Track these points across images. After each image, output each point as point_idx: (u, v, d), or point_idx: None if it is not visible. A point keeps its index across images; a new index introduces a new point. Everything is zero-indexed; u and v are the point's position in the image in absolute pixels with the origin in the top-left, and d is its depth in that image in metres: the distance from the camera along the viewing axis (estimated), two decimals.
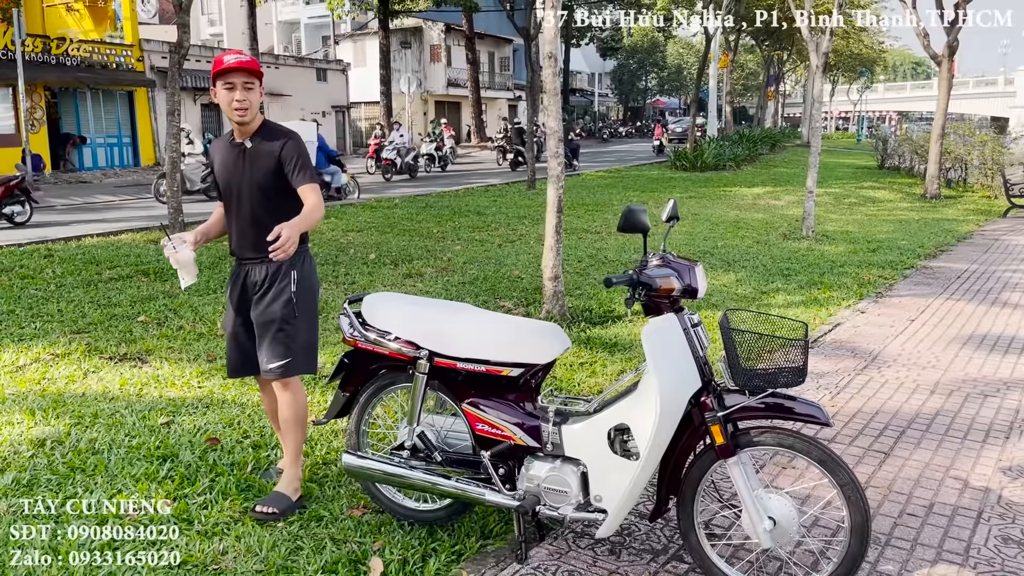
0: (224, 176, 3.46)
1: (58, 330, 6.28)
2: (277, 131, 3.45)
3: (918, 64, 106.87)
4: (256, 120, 3.41)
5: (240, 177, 3.40)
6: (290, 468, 3.55)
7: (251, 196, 3.40)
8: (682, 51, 72.52)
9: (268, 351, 3.41)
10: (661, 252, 2.95)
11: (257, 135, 3.41)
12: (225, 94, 3.31)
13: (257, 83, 3.37)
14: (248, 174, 3.39)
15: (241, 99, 3.30)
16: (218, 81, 3.32)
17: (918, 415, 4.81)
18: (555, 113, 6.67)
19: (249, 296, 3.45)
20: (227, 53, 3.41)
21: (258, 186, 3.39)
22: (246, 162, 3.39)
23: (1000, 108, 61.89)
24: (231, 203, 3.46)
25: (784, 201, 16.96)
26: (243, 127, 3.38)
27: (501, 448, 3.09)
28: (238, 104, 3.30)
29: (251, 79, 3.32)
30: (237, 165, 3.41)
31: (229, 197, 3.46)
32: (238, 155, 3.41)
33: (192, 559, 3.09)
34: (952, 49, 17.17)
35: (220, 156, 3.48)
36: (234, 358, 3.60)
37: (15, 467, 3.81)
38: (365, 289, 7.91)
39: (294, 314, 3.40)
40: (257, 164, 3.38)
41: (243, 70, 3.29)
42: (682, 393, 2.80)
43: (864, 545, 2.75)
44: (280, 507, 3.42)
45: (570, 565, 3.13)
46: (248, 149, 3.39)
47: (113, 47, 26.29)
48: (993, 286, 8.63)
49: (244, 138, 3.41)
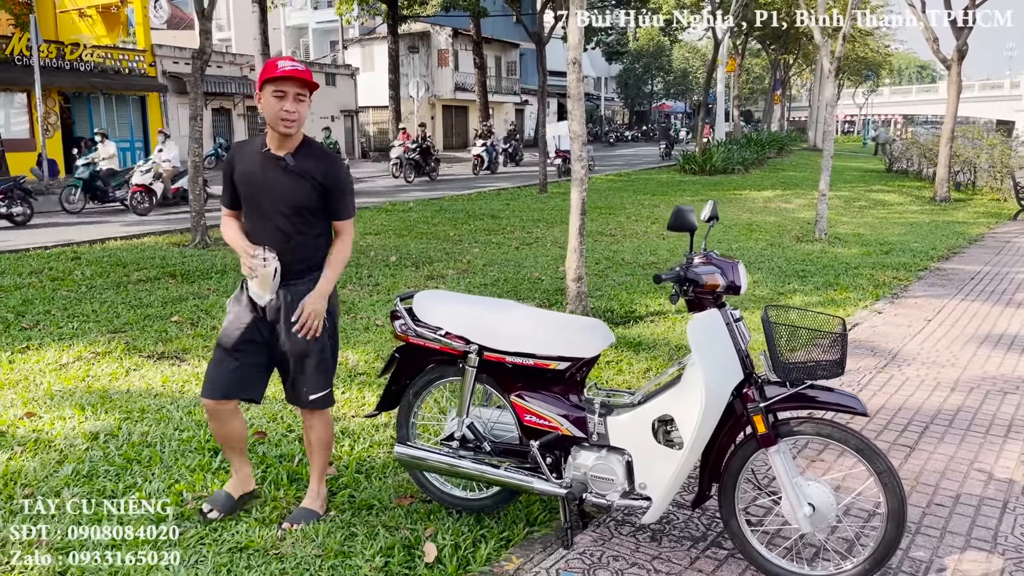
0: (253, 187, 3.23)
1: (95, 330, 6.44)
2: (321, 151, 3.29)
3: (923, 67, 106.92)
4: (299, 134, 3.23)
5: (274, 192, 3.20)
6: (319, 484, 3.52)
7: (284, 213, 3.20)
8: (688, 55, 72.69)
9: (311, 381, 3.32)
10: (703, 251, 3.09)
11: (300, 152, 3.22)
12: (274, 102, 3.10)
13: (308, 95, 3.18)
14: (286, 191, 3.19)
15: (291, 110, 3.10)
16: (267, 87, 3.10)
17: (940, 411, 4.93)
18: (579, 118, 6.82)
19: (271, 318, 3.26)
20: (281, 59, 3.21)
21: (295, 205, 3.20)
22: (285, 178, 3.19)
23: (1006, 111, 61.95)
24: (256, 216, 3.25)
25: (795, 204, 17.08)
26: (286, 140, 3.19)
27: (549, 438, 3.23)
28: (286, 115, 3.10)
29: (304, 90, 3.14)
30: (273, 179, 3.20)
31: (254, 209, 3.25)
32: (275, 169, 3.20)
33: (253, 544, 3.23)
34: (961, 53, 17.28)
35: (248, 165, 3.25)
36: (228, 377, 3.28)
37: (73, 459, 3.96)
38: (389, 291, 8.06)
39: (332, 342, 3.38)
40: (298, 183, 3.19)
41: (297, 80, 3.10)
42: (726, 385, 2.94)
43: (900, 530, 2.88)
44: (309, 522, 3.40)
45: (614, 551, 3.26)
46: (290, 166, 3.19)
47: (126, 52, 26.54)
48: (1007, 287, 8.75)
49: (283, 151, 3.20)
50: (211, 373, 3.32)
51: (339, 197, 3.28)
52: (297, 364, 3.31)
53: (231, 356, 3.27)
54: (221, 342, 3.31)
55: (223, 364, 3.28)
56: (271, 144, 3.22)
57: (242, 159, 3.28)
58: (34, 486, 3.66)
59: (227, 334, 3.30)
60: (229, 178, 3.31)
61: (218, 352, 3.31)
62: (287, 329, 3.25)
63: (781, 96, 53.88)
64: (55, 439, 4.21)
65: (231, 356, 3.27)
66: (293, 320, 3.15)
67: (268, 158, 3.21)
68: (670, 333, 6.55)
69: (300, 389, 3.34)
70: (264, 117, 3.15)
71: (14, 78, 22.53)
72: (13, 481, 3.71)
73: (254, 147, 3.28)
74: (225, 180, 3.32)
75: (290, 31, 48.98)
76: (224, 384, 3.28)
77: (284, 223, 3.21)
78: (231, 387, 3.30)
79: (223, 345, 3.30)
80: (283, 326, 3.26)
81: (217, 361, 3.30)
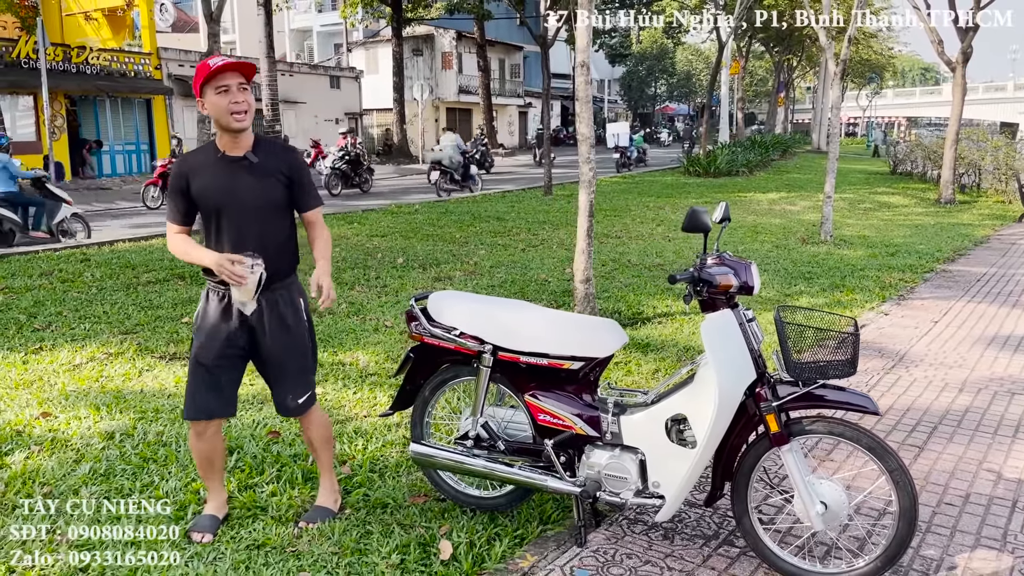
0: (218, 195, 3.08)
1: (107, 331, 6.49)
2: (277, 145, 3.25)
3: (927, 70, 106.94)
4: (250, 132, 3.11)
5: (245, 195, 3.09)
6: (330, 480, 3.54)
7: (258, 216, 3.12)
8: (691, 57, 72.74)
9: (294, 385, 3.30)
10: (716, 251, 3.12)
11: (258, 148, 3.13)
12: (219, 99, 2.99)
13: (250, 84, 3.07)
14: (256, 192, 3.10)
15: (240, 100, 2.99)
16: (207, 88, 3.00)
17: (948, 412, 4.96)
18: (587, 120, 6.86)
19: (251, 326, 3.19)
20: (210, 57, 3.09)
21: (268, 205, 3.13)
22: (252, 179, 3.09)
23: (1010, 114, 61.92)
24: (226, 225, 3.11)
25: (800, 206, 17.11)
26: (240, 137, 3.08)
27: (563, 437, 3.26)
28: (236, 107, 2.98)
29: (244, 79, 3.03)
30: (240, 182, 3.08)
31: (226, 219, 3.10)
32: (240, 171, 3.09)
33: (270, 542, 3.26)
34: (966, 56, 17.31)
35: (208, 176, 3.09)
36: (213, 396, 3.21)
37: (90, 458, 4.00)
38: (397, 292, 8.11)
39: (311, 343, 3.37)
40: (266, 181, 3.11)
41: (234, 69, 3.01)
42: (739, 384, 2.97)
43: (912, 528, 2.91)
44: (325, 520, 3.42)
45: (627, 549, 3.30)
46: (255, 164, 3.09)
47: (131, 55, 26.62)
48: (1013, 289, 8.77)
49: (242, 151, 3.09)
50: (194, 393, 3.21)
51: (306, 187, 3.24)
52: (280, 369, 3.27)
53: (212, 374, 3.19)
54: (200, 360, 3.19)
55: (206, 383, 3.19)
56: (225, 147, 3.10)
57: (197, 172, 3.11)
58: (52, 484, 3.71)
59: (205, 351, 3.17)
60: (183, 194, 3.11)
61: (199, 372, 3.19)
62: (271, 333, 3.20)
63: (785, 98, 53.89)
64: (71, 438, 4.26)
65: (212, 374, 3.19)
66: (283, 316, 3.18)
67: (228, 162, 3.09)
68: (678, 334, 6.59)
69: (285, 396, 3.31)
70: (216, 119, 3.05)
71: (21, 81, 22.65)
72: (31, 480, 3.75)
73: (207, 156, 3.13)
74: (176, 197, 3.12)
75: (294, 34, 49.14)
76: (210, 404, 3.22)
77: (259, 228, 3.12)
78: (217, 407, 3.24)
79: (204, 363, 3.18)
80: (268, 330, 3.19)
81: (199, 381, 3.20)
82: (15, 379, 5.27)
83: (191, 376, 3.23)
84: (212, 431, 3.32)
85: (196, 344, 3.21)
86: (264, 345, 3.21)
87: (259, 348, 3.23)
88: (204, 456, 3.35)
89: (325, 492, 3.56)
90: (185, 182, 3.10)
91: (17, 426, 4.42)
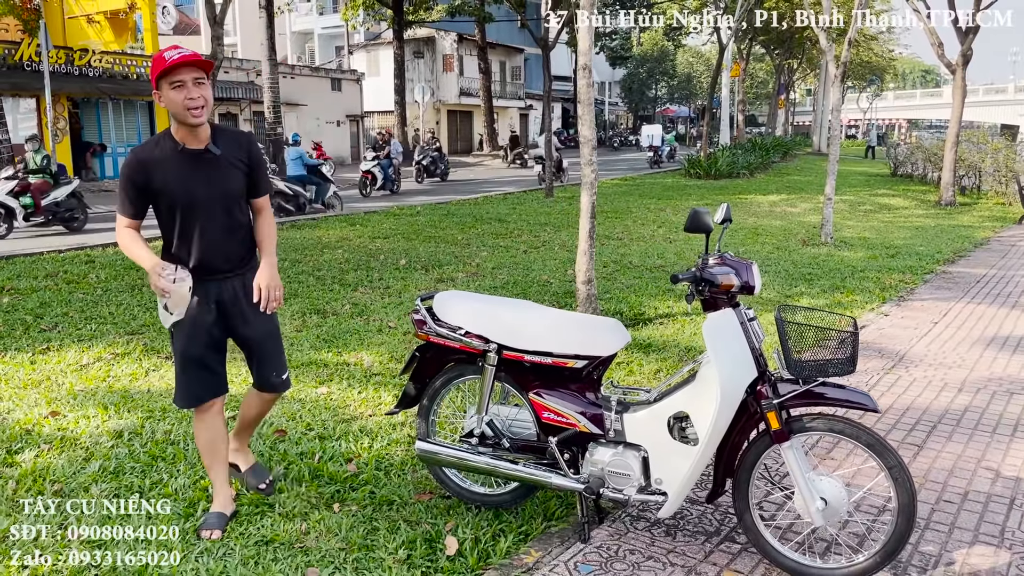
0: (182, 188, 3.11)
1: (113, 331, 6.54)
2: (232, 132, 3.29)
3: (928, 72, 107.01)
4: (206, 124, 3.14)
5: (208, 187, 3.14)
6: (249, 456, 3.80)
7: (223, 206, 3.18)
8: (692, 59, 72.83)
9: (275, 363, 3.44)
10: (718, 252, 3.17)
11: (217, 139, 3.18)
12: (175, 94, 3.00)
13: (207, 78, 3.09)
14: (221, 182, 3.17)
15: (195, 96, 3.01)
16: (163, 83, 3.01)
17: (947, 411, 5.01)
18: (589, 122, 6.91)
19: (228, 312, 3.28)
20: (167, 50, 3.07)
21: (232, 195, 3.20)
22: (216, 171, 3.16)
23: (1010, 116, 61.96)
24: (190, 220, 3.15)
25: (800, 208, 17.16)
26: (197, 131, 3.11)
27: (567, 435, 3.31)
28: (191, 102, 3.00)
29: (200, 74, 3.05)
30: (202, 174, 3.13)
31: (188, 213, 3.14)
32: (203, 163, 3.14)
33: (278, 538, 3.31)
34: (966, 58, 17.37)
35: (170, 170, 3.10)
36: (208, 381, 3.32)
37: (99, 456, 4.06)
38: (400, 294, 8.16)
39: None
40: (230, 171, 3.19)
41: (190, 64, 3.02)
42: (740, 382, 3.02)
43: (911, 523, 2.95)
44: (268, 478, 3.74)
45: (630, 544, 3.35)
46: (218, 156, 3.15)
47: (134, 58, 26.69)
48: (1012, 290, 8.82)
49: (200, 144, 3.14)
50: (188, 383, 3.31)
51: (262, 173, 3.33)
52: (262, 348, 3.40)
53: (203, 361, 3.28)
54: (190, 353, 3.26)
55: (198, 370, 3.29)
56: (184, 140, 3.12)
57: (157, 166, 3.10)
58: (63, 482, 3.76)
59: (193, 344, 3.24)
60: (141, 189, 3.11)
61: (190, 363, 3.27)
62: (248, 317, 3.30)
63: (785, 101, 53.97)
64: (80, 437, 4.31)
65: (203, 361, 3.28)
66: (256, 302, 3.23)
67: (190, 156, 3.12)
68: (679, 335, 6.64)
69: (270, 372, 3.45)
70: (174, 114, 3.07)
71: (23, 83, 22.71)
72: (42, 477, 3.80)
73: (165, 150, 3.13)
74: (131, 190, 3.11)
75: (295, 36, 49.22)
76: (206, 387, 3.33)
77: (225, 218, 3.19)
78: (214, 386, 3.36)
79: (193, 355, 3.26)
80: (244, 315, 3.30)
81: (192, 371, 3.29)
82: (23, 379, 5.32)
83: (182, 369, 3.32)
84: (214, 413, 3.41)
85: (181, 340, 3.27)
86: (242, 329, 3.34)
87: (237, 332, 3.35)
88: (208, 443, 3.42)
89: (252, 456, 3.80)
90: (145, 176, 3.10)
91: (26, 425, 4.47)
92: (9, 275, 8.96)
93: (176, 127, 3.14)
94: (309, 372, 5.52)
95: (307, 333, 6.58)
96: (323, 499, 3.67)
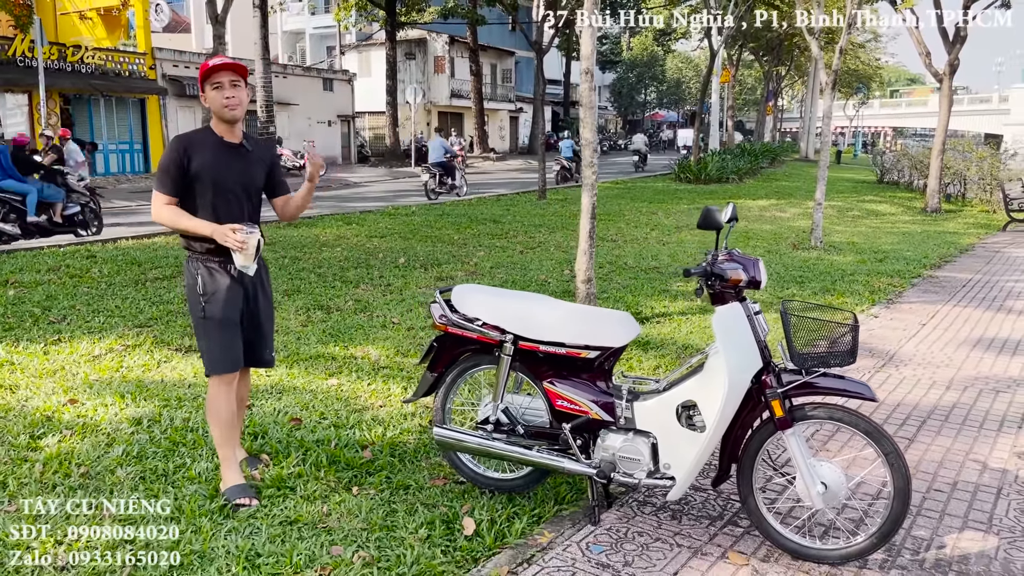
0: (216, 174, 3.49)
1: (122, 324, 6.65)
2: (259, 139, 3.78)
3: (913, 80, 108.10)
4: (241, 123, 3.59)
5: (239, 177, 3.54)
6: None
7: (248, 196, 3.60)
8: (681, 65, 73.33)
9: (271, 340, 3.82)
10: (725, 249, 3.35)
11: (248, 139, 3.62)
12: (215, 94, 3.44)
13: (243, 82, 3.52)
14: (251, 175, 3.59)
15: (231, 95, 3.45)
16: (206, 84, 3.47)
17: (936, 407, 5.20)
18: (591, 125, 7.08)
19: (248, 287, 3.62)
20: (213, 56, 3.59)
21: (256, 187, 3.64)
22: (246, 164, 3.57)
23: (994, 125, 62.71)
24: (220, 201, 3.51)
25: (790, 213, 17.41)
26: (233, 127, 3.53)
27: (579, 422, 3.47)
28: (228, 100, 3.44)
29: (237, 77, 3.48)
30: (236, 165, 3.54)
31: (219, 195, 3.50)
32: (236, 156, 3.55)
33: (302, 518, 3.45)
34: (953, 67, 17.68)
35: (210, 154, 3.49)
36: (237, 347, 3.62)
37: (121, 441, 4.18)
38: (401, 291, 8.30)
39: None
40: (256, 167, 3.62)
41: (229, 68, 3.47)
42: (747, 372, 3.19)
43: (905, 506, 3.13)
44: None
45: (638, 527, 3.51)
46: (249, 152, 3.59)
47: (126, 55, 26.72)
48: (997, 295, 9.06)
49: (237, 140, 3.56)
50: (220, 351, 3.56)
51: (281, 176, 3.80)
52: (263, 327, 3.73)
53: (234, 330, 3.57)
54: (222, 319, 3.53)
55: (232, 337, 3.57)
56: (223, 135, 3.54)
57: (198, 150, 3.48)
58: (88, 465, 3.88)
59: (225, 311, 3.53)
60: (183, 168, 3.45)
61: (227, 329, 3.55)
62: (261, 295, 3.69)
63: (773, 107, 54.44)
64: (100, 423, 4.43)
65: (234, 330, 3.57)
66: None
67: (227, 147, 3.54)
68: (676, 333, 6.81)
69: (264, 349, 3.78)
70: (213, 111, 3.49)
71: (16, 79, 22.71)
72: (67, 461, 3.93)
73: (205, 139, 3.53)
74: (175, 170, 3.45)
75: (287, 36, 49.21)
76: (238, 354, 3.62)
77: (249, 206, 3.61)
78: (240, 356, 3.64)
79: (225, 321, 3.54)
80: (260, 292, 3.68)
81: (227, 338, 3.56)
82: (38, 368, 5.43)
83: (219, 333, 3.55)
84: (238, 381, 3.74)
85: (216, 306, 3.53)
86: (256, 304, 3.68)
87: (251, 305, 3.67)
88: (229, 415, 3.64)
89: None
90: (187, 156, 3.46)
91: (47, 412, 4.58)
92: (12, 269, 9.04)
93: (216, 123, 3.56)
94: (318, 365, 5.66)
95: (312, 328, 6.71)
96: (341, 483, 3.82)
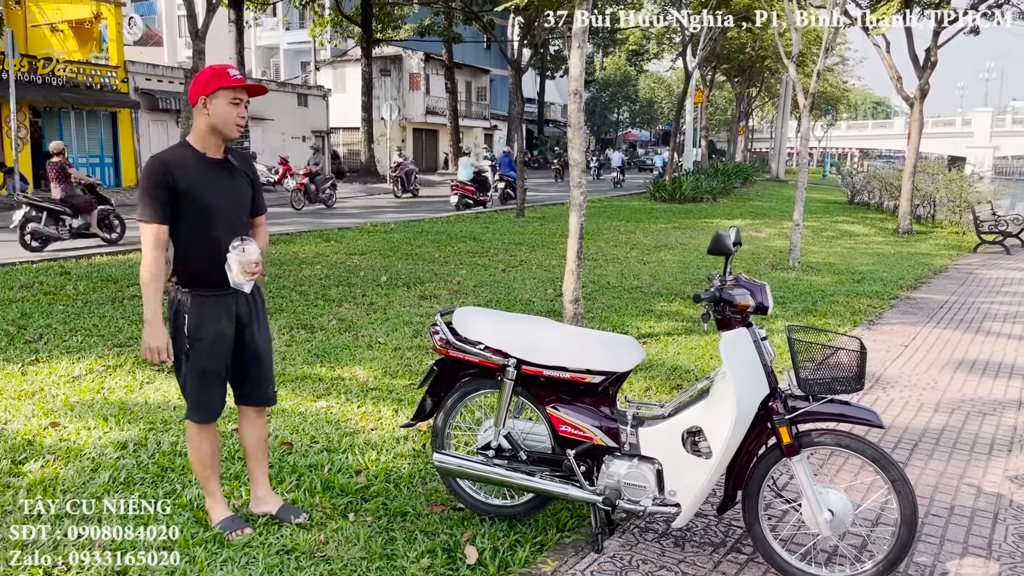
0: (208, 194, 3.21)
1: (101, 343, 6.50)
2: (239, 151, 3.49)
3: (878, 103, 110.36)
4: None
5: (227, 194, 3.28)
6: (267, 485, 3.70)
7: (237, 212, 3.33)
8: (653, 85, 74.13)
9: (270, 378, 3.52)
10: (730, 274, 3.34)
11: (230, 153, 3.36)
12: (230, 108, 3.19)
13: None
14: (238, 191, 3.34)
15: (244, 116, 3.25)
16: (221, 93, 3.17)
17: (926, 431, 5.23)
18: (579, 146, 7.08)
19: (244, 323, 3.37)
20: (228, 66, 3.28)
21: (243, 203, 3.37)
22: (233, 179, 3.32)
23: (958, 148, 64.00)
24: (214, 224, 3.23)
25: (765, 233, 17.58)
26: (218, 143, 3.28)
27: (583, 448, 3.43)
28: (241, 121, 3.23)
29: (249, 98, 3.30)
30: (223, 181, 3.28)
31: (210, 214, 3.21)
32: (223, 171, 3.29)
33: (299, 547, 3.36)
34: (924, 92, 18.02)
35: (195, 172, 3.20)
36: (223, 395, 3.40)
37: (107, 466, 4.06)
38: (385, 310, 8.21)
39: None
40: (242, 183, 3.36)
41: (254, 88, 3.30)
42: (754, 398, 3.17)
43: (912, 534, 3.12)
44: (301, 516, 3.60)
45: (641, 555, 3.46)
46: (235, 167, 3.33)
47: (98, 68, 26.37)
48: (974, 316, 9.18)
49: (219, 155, 3.29)
50: (207, 398, 3.33)
51: (260, 193, 3.53)
52: (261, 362, 3.46)
53: (216, 382, 3.33)
54: (212, 367, 3.29)
55: (217, 384, 3.34)
56: (206, 150, 3.25)
57: (180, 169, 3.17)
58: (74, 492, 3.76)
59: (216, 357, 3.29)
60: (169, 189, 3.13)
61: (210, 377, 3.30)
62: (258, 326, 3.42)
63: (744, 128, 55.13)
64: (84, 448, 4.30)
65: (216, 382, 3.33)
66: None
67: (211, 163, 3.25)
68: (663, 354, 6.81)
69: (265, 387, 3.51)
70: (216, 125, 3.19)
71: None
72: (52, 487, 3.80)
73: (186, 156, 3.22)
74: (163, 192, 3.13)
75: (260, 51, 48.93)
76: (215, 408, 3.38)
77: (239, 225, 3.32)
78: (219, 408, 3.41)
79: (215, 368, 3.30)
80: (256, 323, 3.41)
81: (212, 385, 3.32)
82: (16, 390, 5.27)
83: (200, 383, 3.30)
84: (251, 424, 3.58)
85: (203, 355, 3.27)
86: (254, 340, 3.41)
87: (248, 343, 3.40)
88: (210, 454, 3.46)
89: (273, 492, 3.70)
90: (172, 176, 3.14)
91: (28, 435, 4.44)
92: None
93: (200, 138, 3.25)
94: (305, 386, 5.56)
95: (297, 348, 6.60)
96: (337, 510, 3.73)
